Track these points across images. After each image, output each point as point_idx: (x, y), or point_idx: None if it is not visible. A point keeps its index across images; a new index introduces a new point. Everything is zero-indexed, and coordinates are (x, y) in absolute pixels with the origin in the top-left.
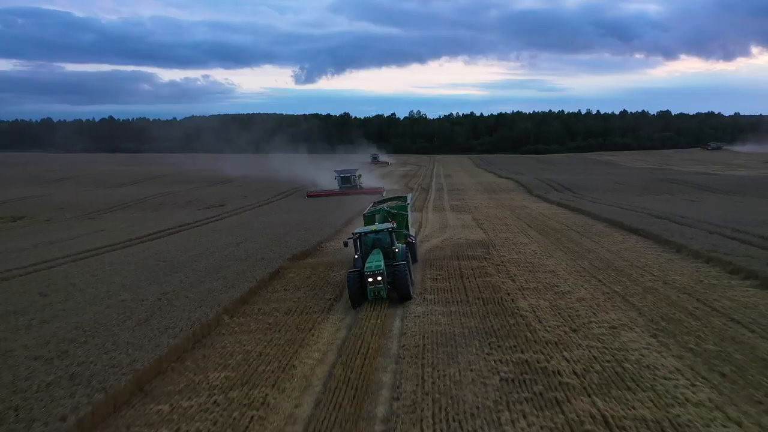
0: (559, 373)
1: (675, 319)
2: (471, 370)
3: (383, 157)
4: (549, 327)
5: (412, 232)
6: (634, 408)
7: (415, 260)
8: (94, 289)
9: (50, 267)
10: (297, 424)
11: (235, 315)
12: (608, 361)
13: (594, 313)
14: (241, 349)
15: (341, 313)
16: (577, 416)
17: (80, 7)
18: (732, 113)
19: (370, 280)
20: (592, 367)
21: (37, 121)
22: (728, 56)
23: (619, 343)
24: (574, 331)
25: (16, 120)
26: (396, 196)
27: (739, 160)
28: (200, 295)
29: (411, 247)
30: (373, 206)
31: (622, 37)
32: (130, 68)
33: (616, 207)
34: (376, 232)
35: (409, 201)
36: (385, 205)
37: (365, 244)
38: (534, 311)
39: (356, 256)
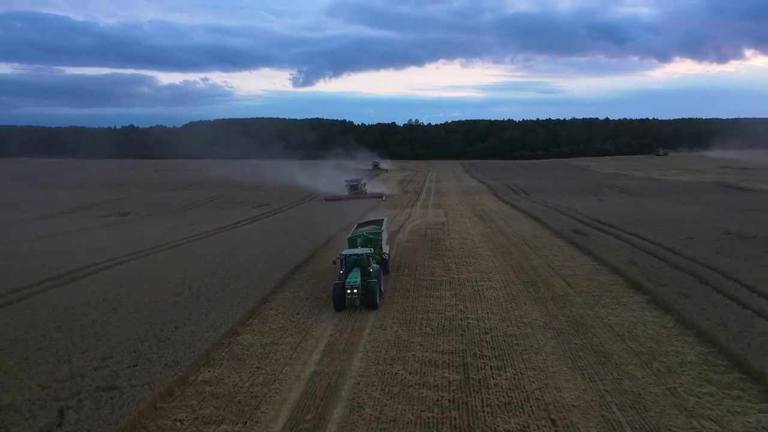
0: (447, 255)
1: (505, 245)
2: (420, 256)
3: (384, 164)
4: (452, 247)
5: (386, 249)
6: (465, 261)
7: (387, 272)
8: (246, 243)
9: (201, 239)
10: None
11: (323, 251)
12: (466, 254)
13: (473, 244)
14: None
15: None
16: (447, 261)
17: (79, 10)
18: (733, 116)
19: (348, 291)
20: (458, 254)
21: (63, 127)
22: (721, 59)
23: (475, 251)
24: (461, 248)
25: (42, 126)
26: (375, 219)
27: (700, 165)
28: (305, 244)
29: (384, 263)
30: (356, 228)
31: (616, 40)
32: (129, 71)
33: (540, 204)
34: (357, 255)
35: (383, 227)
36: (364, 230)
37: (349, 263)
38: (450, 244)
39: (341, 272)
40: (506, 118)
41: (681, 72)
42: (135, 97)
